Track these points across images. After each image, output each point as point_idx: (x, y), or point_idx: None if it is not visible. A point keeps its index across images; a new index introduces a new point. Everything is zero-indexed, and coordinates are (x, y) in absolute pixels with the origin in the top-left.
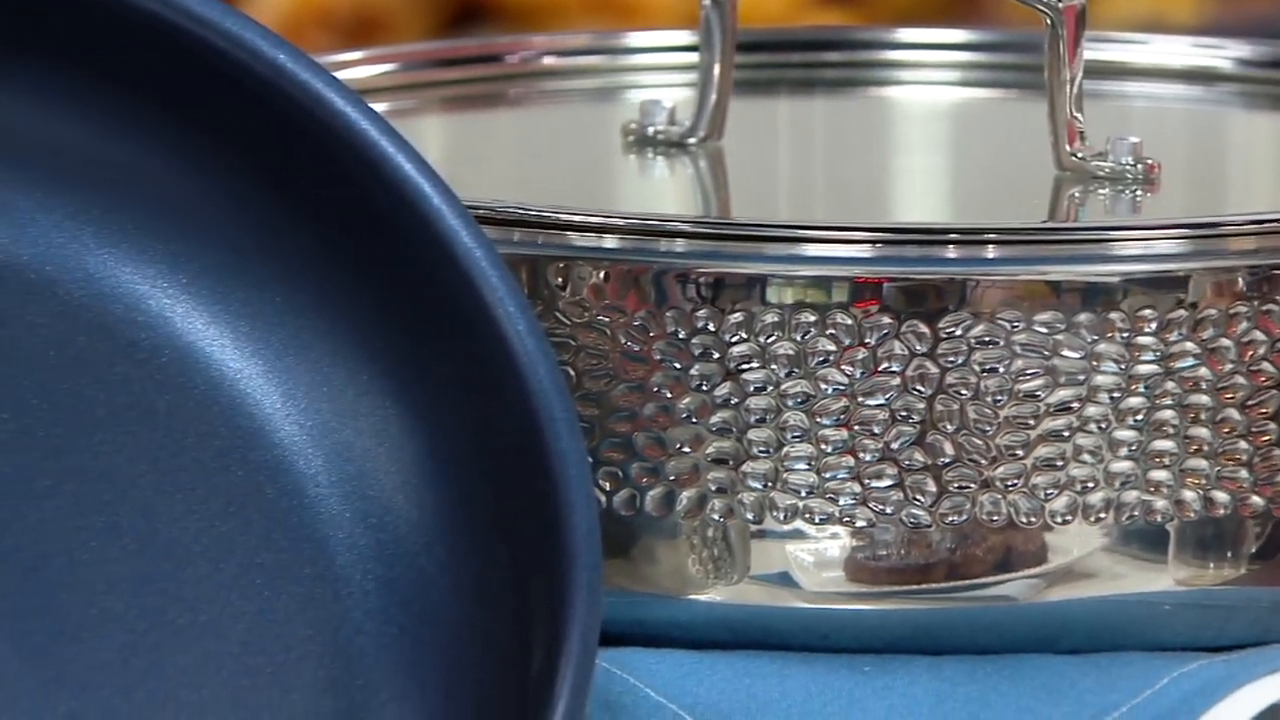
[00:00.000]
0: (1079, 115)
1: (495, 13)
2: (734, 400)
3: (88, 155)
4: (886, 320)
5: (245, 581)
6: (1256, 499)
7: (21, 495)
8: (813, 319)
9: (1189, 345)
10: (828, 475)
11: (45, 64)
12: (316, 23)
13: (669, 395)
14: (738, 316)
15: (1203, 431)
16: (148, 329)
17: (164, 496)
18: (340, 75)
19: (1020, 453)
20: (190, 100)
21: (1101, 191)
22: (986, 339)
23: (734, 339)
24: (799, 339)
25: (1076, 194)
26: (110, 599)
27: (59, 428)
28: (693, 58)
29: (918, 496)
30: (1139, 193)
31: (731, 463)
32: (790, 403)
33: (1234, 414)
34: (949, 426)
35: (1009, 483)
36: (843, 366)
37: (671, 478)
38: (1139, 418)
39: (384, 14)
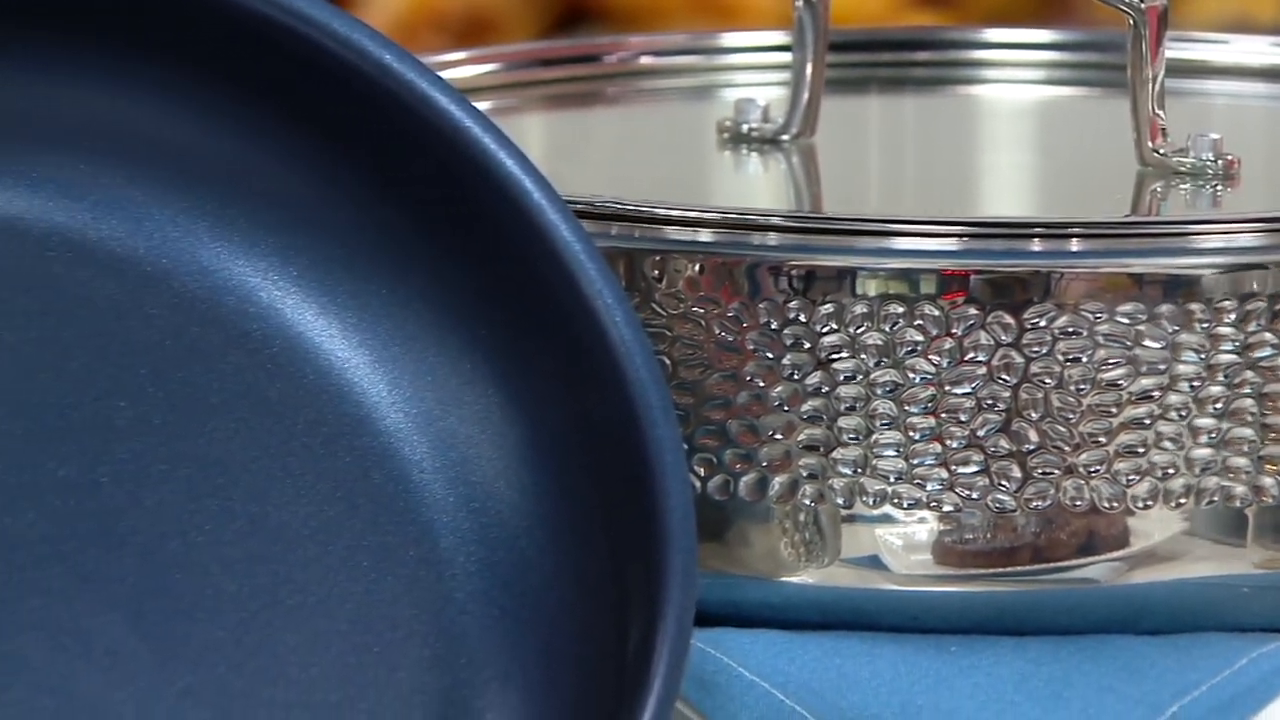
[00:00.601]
0: (1161, 112)
1: (602, 14)
2: (825, 389)
3: (201, 152)
4: (973, 311)
5: (353, 563)
6: None
7: (138, 480)
8: (901, 310)
9: (1267, 335)
10: (916, 461)
11: (162, 65)
12: (429, 25)
13: (762, 384)
14: (828, 308)
15: None
16: (259, 320)
17: (275, 481)
18: (445, 75)
19: (1103, 439)
20: (300, 100)
21: (1182, 186)
22: (1070, 329)
23: (825, 329)
24: (888, 329)
25: (1158, 189)
26: (223, 579)
27: (174, 415)
28: (786, 57)
29: (1003, 482)
30: (1219, 188)
31: (822, 449)
32: (879, 391)
33: None
34: (1034, 414)
35: (1092, 469)
36: (930, 356)
37: (764, 464)
38: (1218, 406)
39: (494, 16)
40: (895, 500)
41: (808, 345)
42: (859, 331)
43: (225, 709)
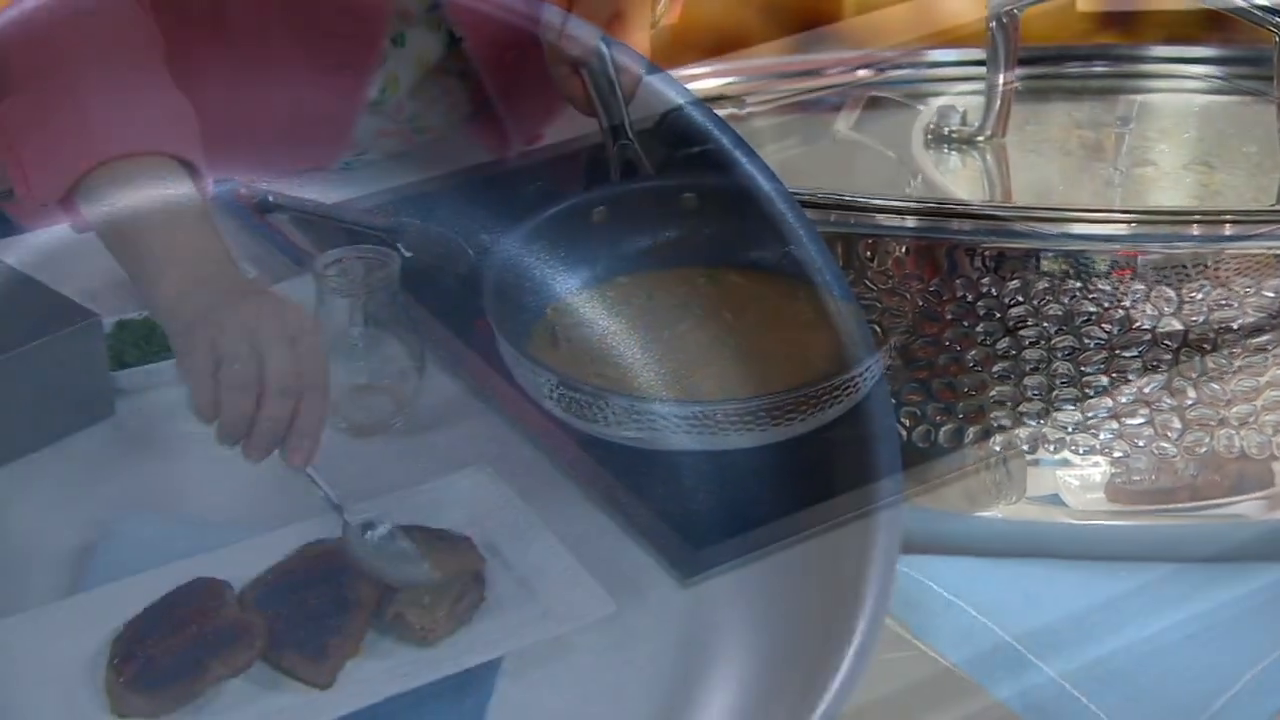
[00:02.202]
0: None
1: (835, 31)
2: (1012, 352)
3: None
4: (1139, 287)
5: None
6: None
7: None
8: (1078, 285)
9: None
10: (1090, 414)
11: None
12: (687, 44)
13: (958, 348)
14: (1016, 284)
15: None
16: None
17: None
18: (693, 86)
19: (1252, 396)
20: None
21: None
22: (1223, 302)
23: (1012, 302)
24: (1066, 302)
25: None
26: None
27: None
28: (982, 70)
29: (1166, 432)
30: None
31: (1010, 404)
32: (1059, 354)
33: None
34: (1192, 374)
35: (1242, 421)
36: (1103, 325)
37: (960, 416)
38: None
39: (743, 34)
40: (1073, 447)
41: (998, 315)
42: (1042, 304)
43: None
